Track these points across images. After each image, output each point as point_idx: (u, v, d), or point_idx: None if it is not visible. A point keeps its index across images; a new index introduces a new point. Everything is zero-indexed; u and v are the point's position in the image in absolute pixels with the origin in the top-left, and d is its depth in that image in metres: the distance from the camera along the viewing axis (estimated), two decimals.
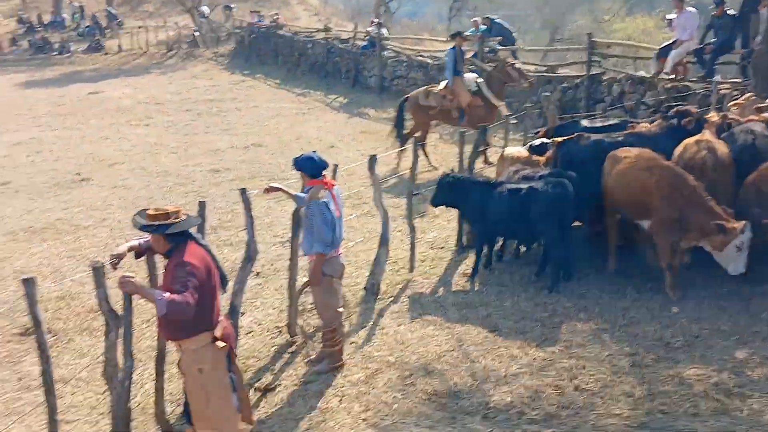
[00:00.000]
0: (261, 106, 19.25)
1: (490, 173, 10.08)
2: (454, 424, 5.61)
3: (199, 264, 4.61)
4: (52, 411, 4.14)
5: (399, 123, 12.80)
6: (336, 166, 7.32)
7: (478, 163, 9.46)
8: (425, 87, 13.03)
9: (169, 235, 4.63)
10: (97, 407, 5.99)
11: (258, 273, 8.37)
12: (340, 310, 6.39)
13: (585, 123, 9.23)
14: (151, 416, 5.71)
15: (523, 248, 8.64)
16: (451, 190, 8.05)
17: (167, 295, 4.33)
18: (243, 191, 6.28)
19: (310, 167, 6.15)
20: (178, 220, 4.65)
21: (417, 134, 12.44)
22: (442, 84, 12.56)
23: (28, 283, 3.87)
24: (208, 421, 4.82)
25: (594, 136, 8.24)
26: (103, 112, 19.50)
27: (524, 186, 7.61)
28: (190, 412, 4.90)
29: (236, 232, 9.82)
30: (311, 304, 7.03)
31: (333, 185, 6.25)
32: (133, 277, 4.39)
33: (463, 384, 6.12)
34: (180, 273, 4.48)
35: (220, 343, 4.81)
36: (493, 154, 11.98)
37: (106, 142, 15.96)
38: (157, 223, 4.59)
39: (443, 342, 6.79)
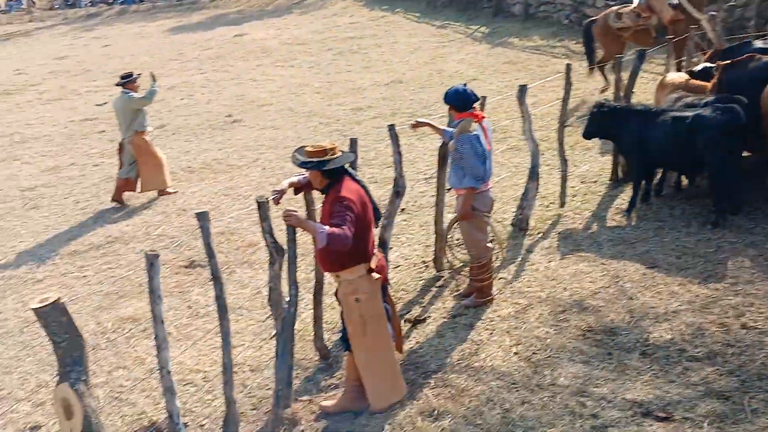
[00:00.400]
0: (401, 42, 19.11)
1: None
2: (610, 360, 5.46)
3: (355, 198, 4.71)
4: (225, 334, 4.39)
5: (589, 50, 12.09)
6: (484, 98, 7.14)
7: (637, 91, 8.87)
8: (614, 8, 11.99)
9: (326, 171, 4.74)
10: (259, 334, 6.32)
11: (403, 209, 8.42)
12: (489, 245, 6.30)
13: (758, 44, 8.39)
14: (309, 343, 5.96)
15: (685, 181, 8.11)
16: (606, 120, 7.64)
17: (327, 228, 4.47)
18: (391, 127, 6.25)
19: (458, 100, 6.02)
20: (334, 156, 4.75)
21: (608, 60, 11.69)
22: (635, 2, 11.54)
23: (202, 216, 4.07)
24: (366, 348, 4.98)
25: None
26: (248, 54, 20.09)
27: (690, 113, 7.07)
28: (347, 339, 5.07)
29: (380, 170, 9.91)
30: (457, 239, 7.00)
31: (483, 118, 6.10)
32: (296, 211, 4.56)
33: (619, 320, 5.92)
34: (338, 208, 4.60)
35: (376, 275, 4.92)
36: (648, 82, 11.27)
37: (253, 84, 16.46)
38: (315, 159, 4.71)
39: (597, 278, 6.57)
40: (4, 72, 20.93)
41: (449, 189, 6.74)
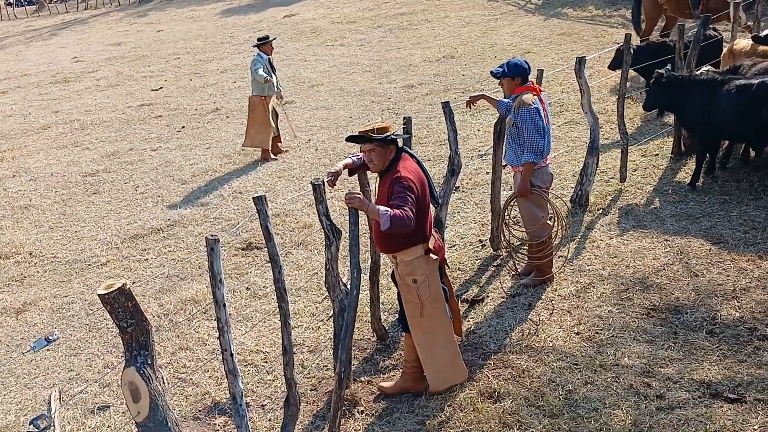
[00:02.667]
0: (451, 16, 18.85)
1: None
2: (675, 339, 5.31)
3: (414, 178, 4.66)
4: (284, 317, 4.40)
5: (636, 20, 12.07)
6: (541, 71, 6.96)
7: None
8: None
9: (385, 150, 4.67)
10: (317, 315, 6.35)
11: (458, 188, 8.33)
12: (549, 222, 6.17)
13: None
14: (366, 323, 5.96)
15: (752, 153, 7.79)
16: (667, 91, 7.37)
17: (390, 210, 4.42)
18: (445, 104, 6.16)
19: (514, 73, 5.84)
20: (390, 133, 4.70)
21: (650, 30, 11.53)
22: None
23: (259, 200, 4.07)
24: (423, 329, 4.94)
25: None
26: (299, 35, 20.10)
27: (755, 81, 6.77)
28: (405, 320, 5.04)
29: (434, 148, 9.81)
30: (514, 217, 6.89)
31: (540, 91, 5.94)
32: (359, 194, 4.49)
33: (685, 298, 5.74)
34: (398, 188, 4.55)
35: (434, 255, 4.86)
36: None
37: (304, 65, 16.47)
38: (378, 136, 4.65)
39: (661, 255, 6.39)
40: (63, 60, 21.43)
41: (505, 166, 6.62)
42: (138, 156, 11.57)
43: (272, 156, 10.49)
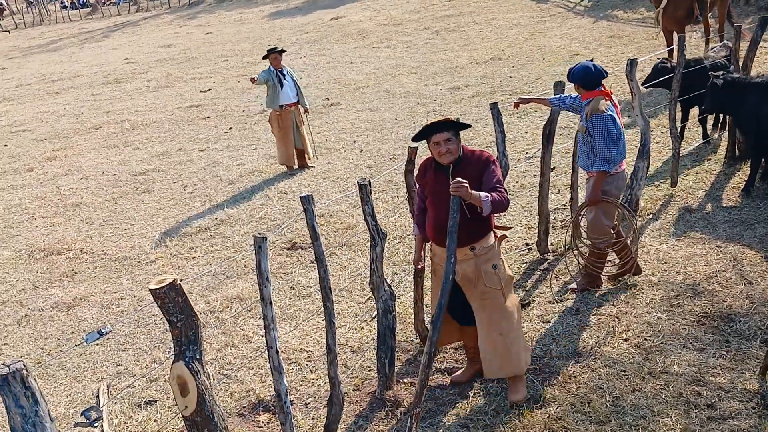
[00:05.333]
0: (499, 18, 18.73)
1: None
2: (728, 348, 5.16)
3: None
4: (329, 316, 4.39)
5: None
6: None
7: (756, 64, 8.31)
8: None
9: (459, 138, 4.69)
10: (359, 315, 6.36)
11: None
12: (612, 231, 5.97)
13: None
14: (409, 325, 5.94)
15: None
16: (724, 94, 7.18)
17: (490, 196, 4.40)
18: (493, 105, 6.10)
19: (587, 77, 5.64)
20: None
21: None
22: None
23: (306, 200, 4.08)
24: (506, 314, 4.83)
25: None
26: (345, 37, 20.21)
27: None
28: (466, 315, 4.95)
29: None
30: (561, 221, 6.77)
31: (611, 94, 5.78)
32: (466, 182, 4.30)
33: (738, 306, 5.58)
34: (494, 168, 4.59)
35: (499, 232, 4.84)
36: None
37: (350, 67, 16.54)
38: (459, 122, 4.66)
39: (713, 261, 6.22)
40: (114, 61, 21.92)
41: (553, 168, 6.52)
42: (186, 156, 11.76)
43: (291, 168, 10.38)
